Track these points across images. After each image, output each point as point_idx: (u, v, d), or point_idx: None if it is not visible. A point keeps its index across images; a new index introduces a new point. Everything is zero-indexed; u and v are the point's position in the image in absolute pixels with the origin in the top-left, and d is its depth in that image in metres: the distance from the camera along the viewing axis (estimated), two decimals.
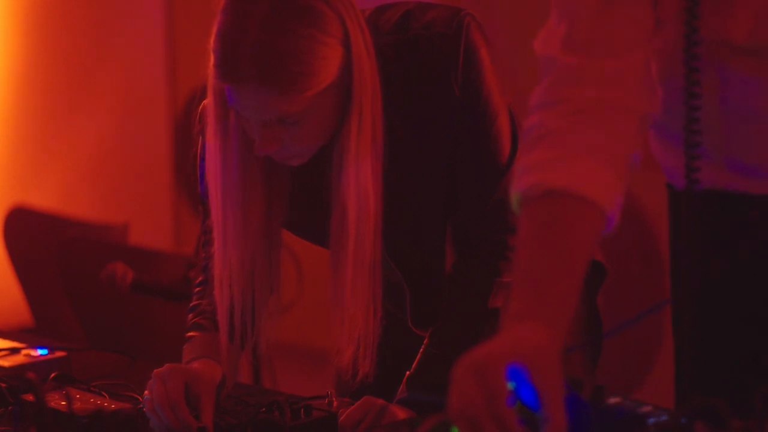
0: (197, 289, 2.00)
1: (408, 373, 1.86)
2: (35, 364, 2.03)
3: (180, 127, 4.65)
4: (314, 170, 1.85)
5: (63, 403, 1.78)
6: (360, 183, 1.78)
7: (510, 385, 1.27)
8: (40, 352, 2.09)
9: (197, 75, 1.91)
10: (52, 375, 1.98)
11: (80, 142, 4.59)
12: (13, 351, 2.10)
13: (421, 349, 1.88)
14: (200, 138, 1.92)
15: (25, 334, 2.50)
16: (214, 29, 1.72)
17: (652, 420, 1.25)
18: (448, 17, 1.80)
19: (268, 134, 1.73)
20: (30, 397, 1.69)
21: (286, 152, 1.77)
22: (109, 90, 4.67)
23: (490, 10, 3.73)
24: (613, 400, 1.27)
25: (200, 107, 1.91)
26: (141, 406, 1.84)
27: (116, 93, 4.70)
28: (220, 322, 1.88)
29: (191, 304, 1.99)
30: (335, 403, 1.82)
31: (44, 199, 4.34)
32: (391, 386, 1.87)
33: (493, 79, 1.83)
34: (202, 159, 1.92)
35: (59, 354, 2.08)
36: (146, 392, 1.81)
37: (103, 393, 1.92)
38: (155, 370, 1.82)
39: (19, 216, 3.90)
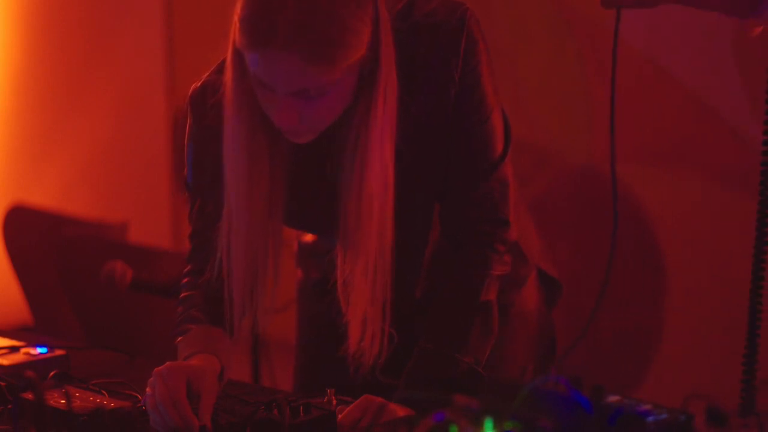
0: (185, 280, 1.99)
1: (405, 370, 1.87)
2: (34, 363, 2.03)
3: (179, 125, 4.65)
4: (315, 158, 1.86)
5: (62, 401, 1.78)
6: (383, 160, 1.78)
7: None
8: (39, 350, 2.09)
9: (196, 74, 1.92)
10: (52, 373, 1.98)
11: (79, 141, 4.59)
12: (13, 349, 2.10)
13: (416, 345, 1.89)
14: (188, 121, 1.93)
15: (24, 333, 2.50)
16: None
17: (651, 418, 1.25)
18: (450, 8, 1.84)
19: (291, 105, 1.73)
20: (29, 396, 1.69)
21: (303, 126, 1.76)
22: (108, 89, 4.67)
23: (491, 10, 3.74)
24: (612, 399, 1.28)
25: (191, 90, 1.91)
26: (140, 404, 1.84)
27: (115, 92, 4.70)
28: (234, 296, 1.87)
29: (181, 296, 1.98)
30: (334, 402, 1.82)
31: (43, 197, 4.35)
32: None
33: (489, 75, 1.86)
34: (189, 143, 1.93)
35: (58, 352, 2.08)
36: (148, 390, 1.81)
37: (102, 391, 1.92)
38: (156, 369, 1.82)
39: (18, 215, 3.91)
